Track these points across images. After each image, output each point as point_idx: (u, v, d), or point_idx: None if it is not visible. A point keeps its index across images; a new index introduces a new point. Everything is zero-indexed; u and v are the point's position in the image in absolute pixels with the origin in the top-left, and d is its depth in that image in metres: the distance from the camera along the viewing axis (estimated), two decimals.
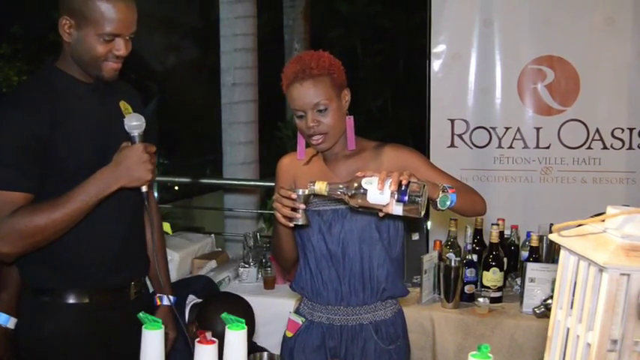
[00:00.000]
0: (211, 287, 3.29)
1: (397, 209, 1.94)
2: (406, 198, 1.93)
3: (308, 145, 2.38)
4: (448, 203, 2.10)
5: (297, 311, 2.54)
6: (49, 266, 2.23)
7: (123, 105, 2.32)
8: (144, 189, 2.16)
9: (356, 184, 1.98)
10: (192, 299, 2.95)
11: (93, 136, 2.20)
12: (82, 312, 2.26)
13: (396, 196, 1.94)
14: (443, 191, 2.08)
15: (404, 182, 1.93)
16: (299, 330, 2.48)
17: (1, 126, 2.11)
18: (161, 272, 2.51)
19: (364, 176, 1.99)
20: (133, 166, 2.10)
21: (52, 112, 2.13)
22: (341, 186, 2.01)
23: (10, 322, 2.40)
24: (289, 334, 2.51)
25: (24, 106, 2.12)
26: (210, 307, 2.66)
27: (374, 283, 2.38)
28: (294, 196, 2.11)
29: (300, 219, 2.14)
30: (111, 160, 2.13)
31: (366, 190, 1.97)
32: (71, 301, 2.25)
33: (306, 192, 2.09)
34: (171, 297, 2.51)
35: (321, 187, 2.03)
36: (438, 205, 2.09)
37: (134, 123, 2.14)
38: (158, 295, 2.55)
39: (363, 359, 2.38)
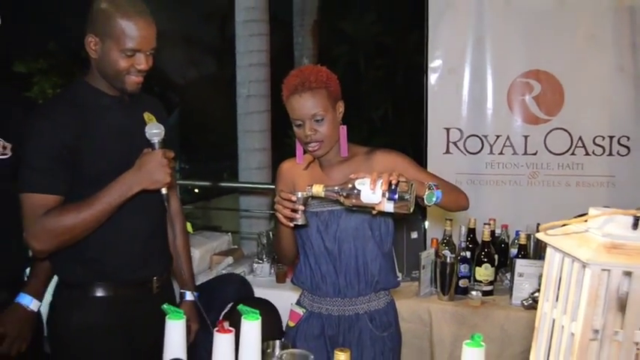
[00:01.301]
0: (246, 287, 3.26)
1: (388, 207, 1.95)
2: (396, 196, 1.94)
3: (306, 152, 2.39)
4: (434, 199, 2.12)
5: (298, 303, 2.54)
6: (78, 262, 2.24)
7: (147, 115, 2.33)
8: (164, 191, 2.16)
9: (350, 186, 1.99)
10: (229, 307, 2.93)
11: (116, 144, 2.21)
12: (107, 304, 2.27)
13: (387, 195, 1.95)
14: (429, 189, 2.09)
15: (393, 182, 1.94)
16: (300, 320, 2.49)
17: (35, 135, 2.12)
18: (184, 269, 2.52)
19: (357, 178, 2.00)
20: (153, 170, 2.10)
21: (79, 123, 2.15)
22: (336, 188, 2.03)
23: (34, 304, 2.41)
24: (291, 324, 2.52)
25: (55, 117, 2.14)
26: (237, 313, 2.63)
27: (368, 276, 2.39)
28: (293, 198, 2.11)
29: (299, 219, 2.14)
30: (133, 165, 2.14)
31: (359, 191, 1.98)
32: (98, 294, 2.26)
33: (305, 194, 2.10)
34: (194, 292, 2.52)
35: (318, 189, 2.04)
36: (425, 201, 2.11)
37: (154, 131, 2.14)
38: (181, 290, 2.55)
39: (360, 346, 2.38)
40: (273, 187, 6.91)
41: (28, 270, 2.52)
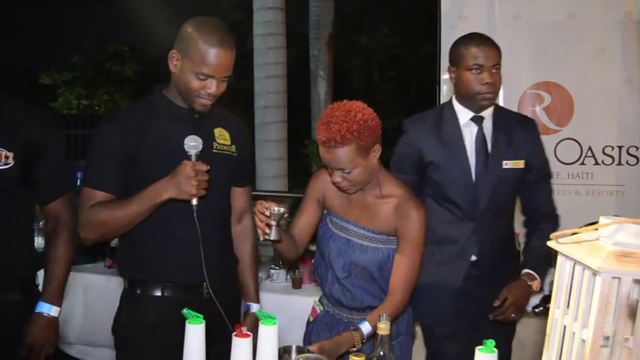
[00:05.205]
0: None
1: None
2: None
3: None
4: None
5: (320, 300, 2.55)
6: (132, 262, 2.34)
7: (219, 131, 2.39)
8: (194, 202, 2.17)
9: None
10: None
11: (175, 154, 2.20)
12: (157, 304, 2.31)
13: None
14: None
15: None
16: (317, 317, 2.51)
17: (100, 137, 2.27)
18: (250, 282, 2.58)
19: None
20: (182, 181, 2.12)
21: (144, 131, 2.24)
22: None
23: (53, 311, 2.42)
24: (311, 319, 2.55)
25: (118, 122, 2.28)
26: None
27: (368, 310, 2.39)
28: (267, 213, 2.09)
29: (271, 234, 2.12)
30: None
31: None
32: (152, 293, 2.32)
33: (280, 211, 2.09)
34: (258, 305, 2.57)
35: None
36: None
37: (192, 143, 2.18)
38: (247, 302, 2.58)
39: (368, 349, 2.37)
40: (289, 195, 6.92)
41: (39, 273, 2.53)
